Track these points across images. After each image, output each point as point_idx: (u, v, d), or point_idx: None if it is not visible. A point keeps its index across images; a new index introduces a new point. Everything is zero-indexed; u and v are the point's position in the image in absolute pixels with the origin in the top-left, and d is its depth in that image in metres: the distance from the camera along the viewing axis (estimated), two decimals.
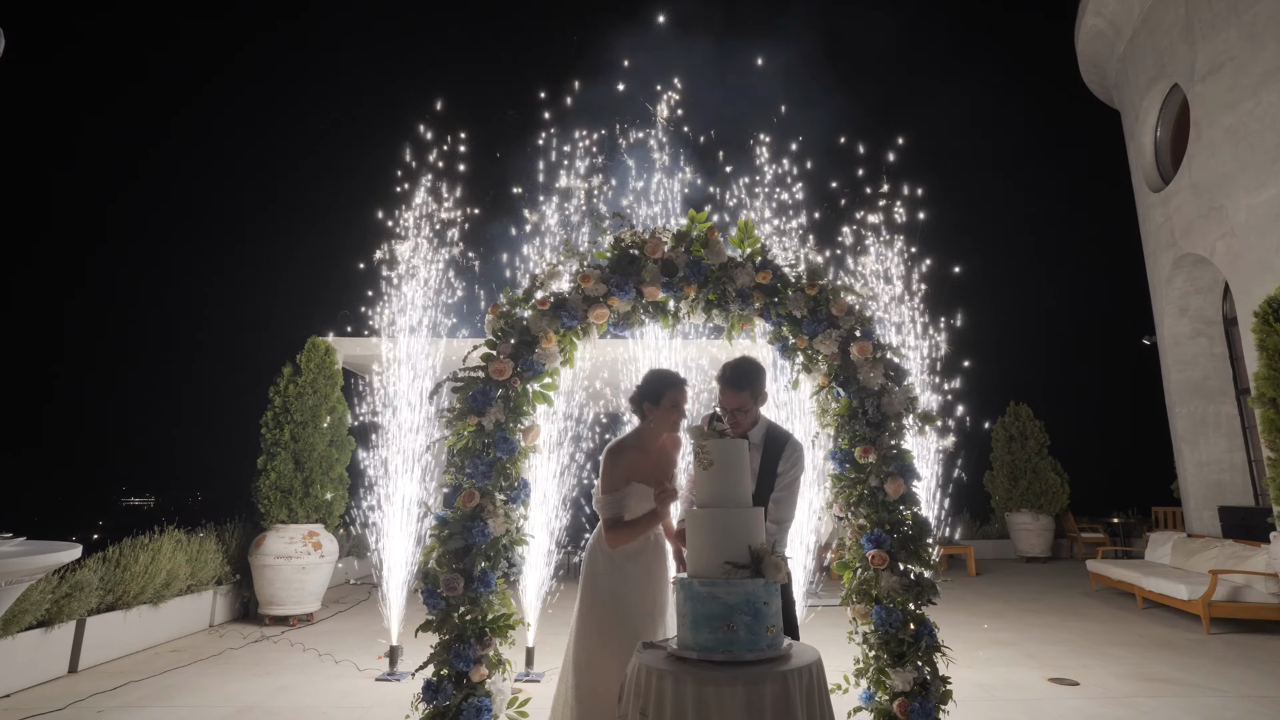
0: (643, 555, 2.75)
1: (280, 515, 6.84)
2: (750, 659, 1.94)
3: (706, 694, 1.84)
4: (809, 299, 3.39)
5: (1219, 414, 8.78)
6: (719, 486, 2.15)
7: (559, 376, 3.46)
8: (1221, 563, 6.53)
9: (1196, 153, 8.14)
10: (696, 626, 2.00)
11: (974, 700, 4.23)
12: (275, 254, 45.39)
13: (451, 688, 3.02)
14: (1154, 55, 9.01)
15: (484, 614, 3.11)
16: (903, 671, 3.03)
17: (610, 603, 2.65)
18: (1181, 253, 8.63)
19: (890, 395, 3.31)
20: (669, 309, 3.51)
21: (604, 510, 2.74)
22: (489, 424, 3.24)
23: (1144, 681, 4.62)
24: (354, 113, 54.54)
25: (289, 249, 39.29)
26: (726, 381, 2.94)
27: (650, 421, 2.93)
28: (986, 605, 7.53)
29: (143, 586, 5.55)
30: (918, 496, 3.29)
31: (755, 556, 2.03)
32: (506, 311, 3.39)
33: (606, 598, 2.65)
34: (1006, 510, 11.63)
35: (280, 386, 7.15)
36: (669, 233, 3.52)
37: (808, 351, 3.44)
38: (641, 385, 3.00)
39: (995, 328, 10.63)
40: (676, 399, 2.92)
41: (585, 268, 3.42)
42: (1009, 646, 5.65)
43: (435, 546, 3.16)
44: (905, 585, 3.11)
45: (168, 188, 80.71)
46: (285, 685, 4.69)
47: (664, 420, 2.91)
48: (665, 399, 2.91)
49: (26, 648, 4.56)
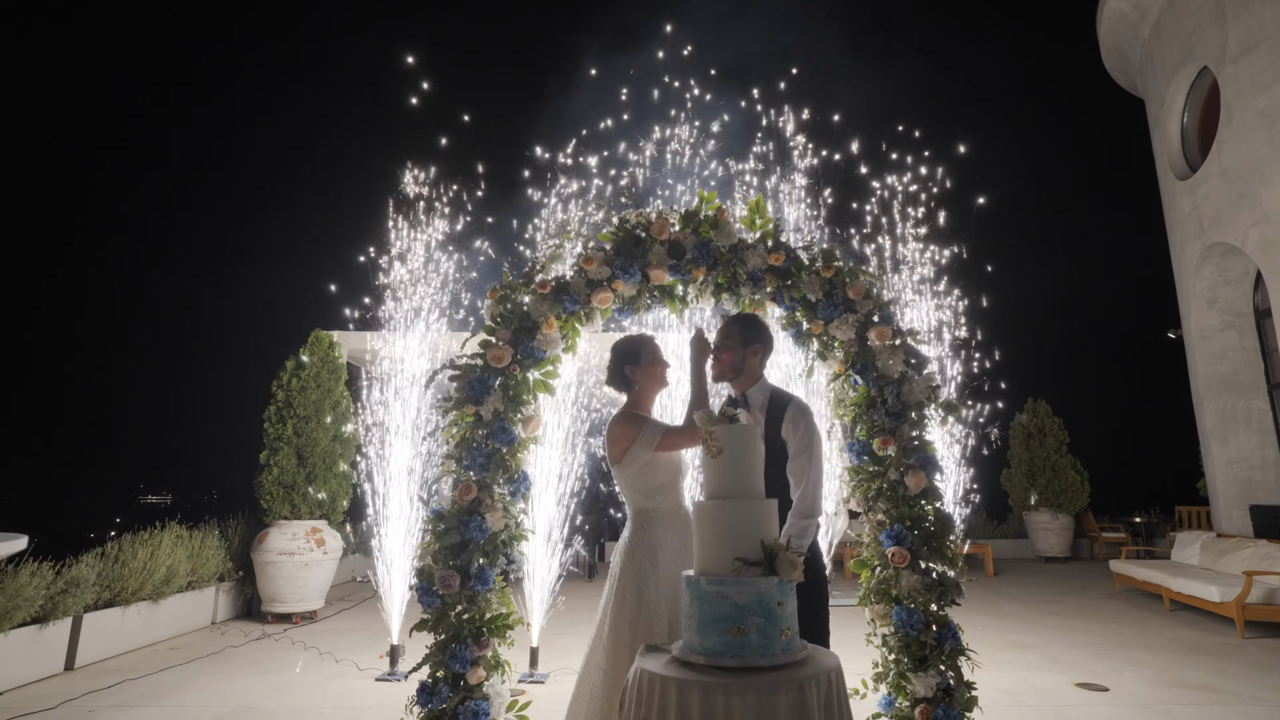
0: (688, 548, 2.53)
1: (283, 511, 6.74)
2: (763, 665, 1.76)
3: (714, 704, 1.67)
4: (824, 281, 3.21)
5: (1250, 409, 8.47)
6: (729, 476, 1.97)
7: (560, 364, 3.30)
8: (1256, 563, 6.26)
9: (1227, 137, 7.84)
10: (704, 629, 1.83)
11: (999, 706, 4.03)
12: (281, 245, 45.35)
13: (447, 690, 2.87)
14: (1181, 38, 8.71)
15: (481, 613, 2.95)
16: (925, 676, 2.84)
17: (664, 606, 2.43)
18: (1210, 242, 8.33)
19: (911, 383, 3.12)
20: (676, 293, 3.34)
21: (651, 439, 2.51)
22: (487, 413, 3.08)
23: (1177, 688, 4.39)
24: (358, 95, 54.41)
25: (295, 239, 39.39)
26: (724, 317, 2.88)
27: (637, 385, 2.78)
28: (1006, 606, 7.30)
29: (141, 583, 5.45)
30: (940, 491, 3.10)
31: (769, 552, 1.85)
32: (505, 296, 3.24)
33: (657, 602, 2.43)
34: (1025, 509, 11.35)
35: (283, 380, 7.05)
36: (676, 213, 3.35)
37: (823, 338, 3.25)
38: (615, 355, 2.85)
39: (1012, 323, 10.34)
40: (654, 351, 2.82)
41: (588, 250, 3.26)
42: (1031, 649, 5.42)
43: (431, 542, 3.01)
44: (927, 585, 2.92)
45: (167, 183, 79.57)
46: (283, 684, 4.57)
47: (650, 376, 2.78)
48: (644, 354, 2.79)
49: (20, 644, 4.46)
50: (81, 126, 61.15)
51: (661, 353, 2.86)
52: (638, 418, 2.65)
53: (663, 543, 2.52)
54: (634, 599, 2.45)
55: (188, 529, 6.36)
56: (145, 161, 61.36)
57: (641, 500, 2.59)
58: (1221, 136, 7.97)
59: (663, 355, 2.86)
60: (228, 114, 59.90)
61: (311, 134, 52.76)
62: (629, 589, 2.47)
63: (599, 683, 2.46)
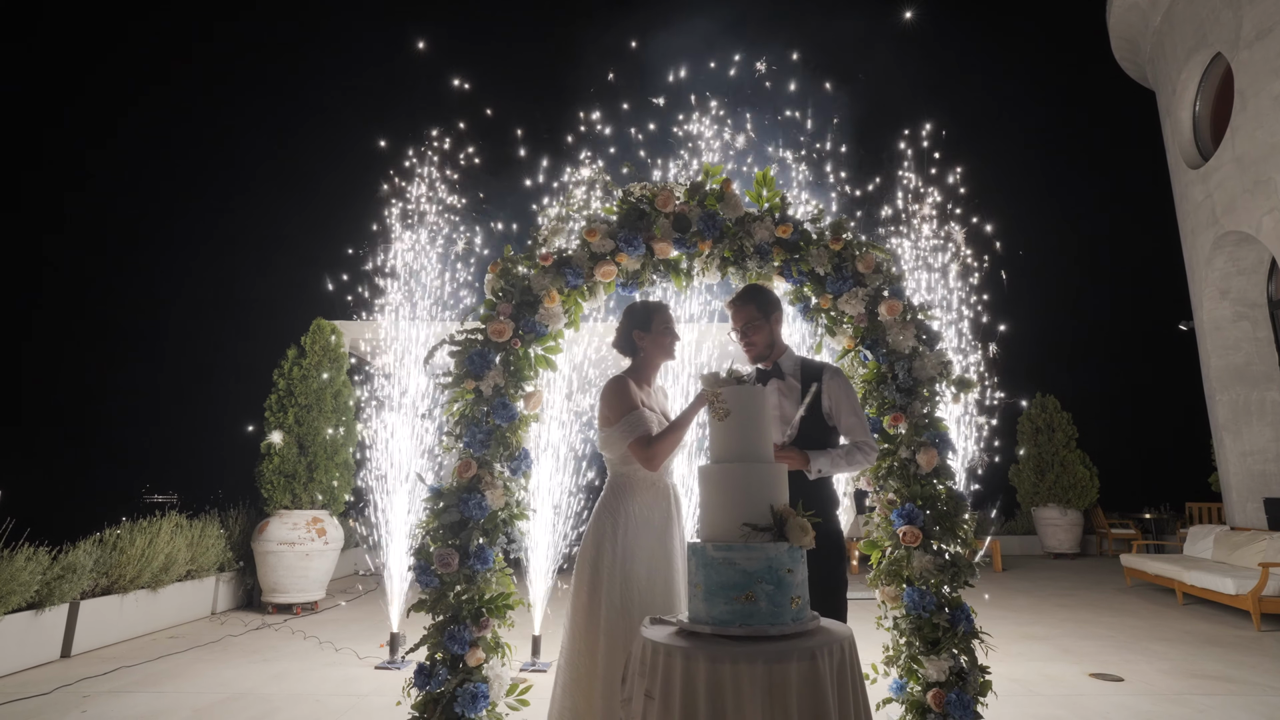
0: (658, 519, 2.47)
1: (284, 500, 6.67)
2: (773, 633, 1.67)
3: (721, 672, 1.58)
4: (833, 254, 3.12)
5: (1264, 401, 8.33)
6: (737, 439, 1.89)
7: (563, 339, 3.22)
8: (1271, 556, 6.14)
9: (1241, 124, 7.71)
10: (710, 597, 1.75)
11: (1013, 695, 3.93)
12: (282, 232, 44.92)
13: (446, 672, 2.79)
14: (1193, 24, 8.57)
15: (481, 593, 2.88)
16: (937, 660, 2.75)
17: (616, 576, 2.36)
18: (1223, 231, 8.19)
19: (922, 359, 3.03)
20: (681, 267, 3.25)
21: (626, 434, 2.40)
22: (487, 389, 3.00)
23: (1194, 679, 4.29)
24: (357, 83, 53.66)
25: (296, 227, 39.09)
26: (731, 302, 2.77)
27: (643, 352, 2.69)
28: (1016, 599, 7.18)
29: (140, 570, 5.39)
30: (953, 469, 3.01)
31: (778, 518, 1.77)
32: (507, 269, 3.16)
33: (612, 570, 2.36)
34: (1033, 505, 11.21)
35: (284, 369, 6.98)
36: (682, 185, 3.26)
37: (831, 313, 3.17)
38: (626, 318, 2.75)
39: (1021, 316, 10.21)
40: (667, 320, 2.71)
41: (592, 222, 3.17)
42: (1043, 641, 5.32)
43: (430, 520, 2.93)
44: (939, 566, 2.83)
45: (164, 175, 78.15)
46: (281, 672, 4.50)
47: (658, 345, 2.68)
48: (655, 321, 2.69)
49: (15, 630, 4.40)
50: (80, 119, 60.02)
51: (674, 324, 2.75)
52: (627, 399, 2.50)
53: (630, 512, 2.43)
54: (591, 564, 2.41)
55: (187, 518, 6.29)
56: (142, 154, 60.37)
57: (618, 464, 2.52)
58: (1235, 123, 7.84)
59: (674, 327, 2.75)
60: (226, 102, 58.87)
61: (309, 122, 52.06)
62: (588, 554, 2.44)
63: (565, 645, 2.44)
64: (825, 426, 2.60)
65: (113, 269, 37.21)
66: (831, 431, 2.63)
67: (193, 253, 39.60)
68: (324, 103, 39.97)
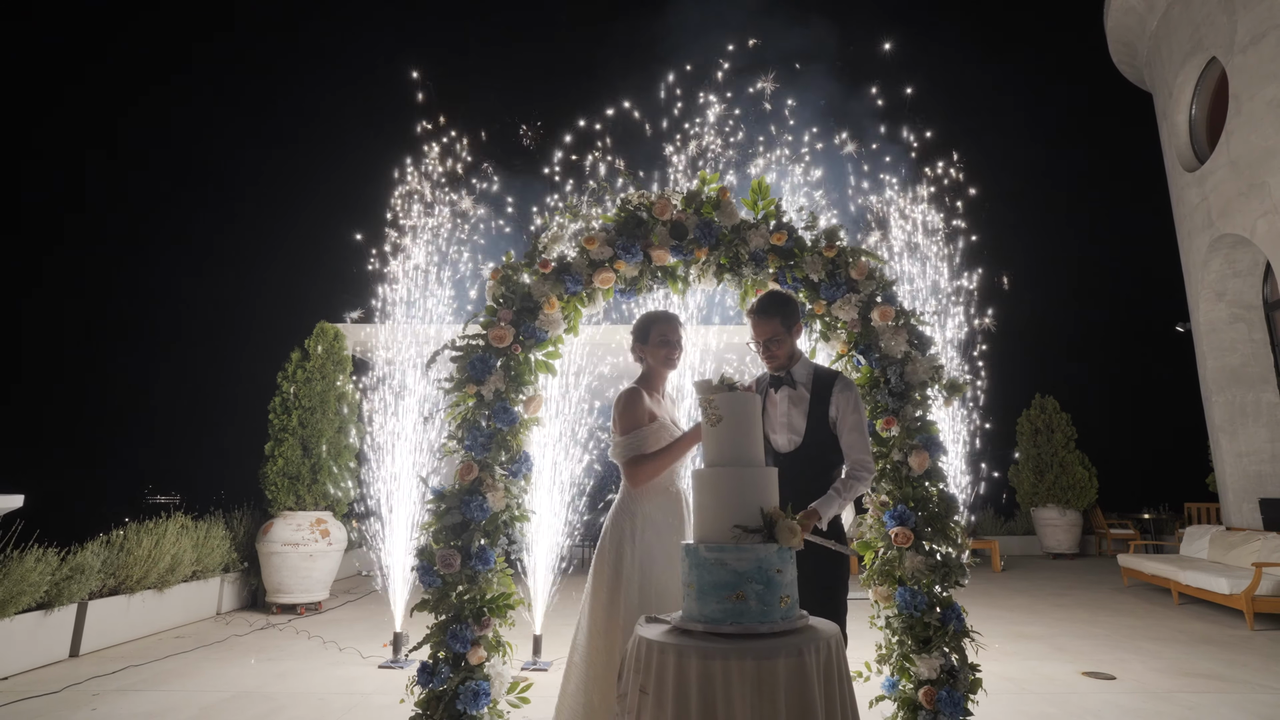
0: (672, 522, 2.53)
1: (288, 502, 6.75)
2: (762, 631, 1.74)
3: (712, 668, 1.65)
4: (827, 261, 3.19)
5: (1259, 402, 8.38)
6: (729, 444, 1.96)
7: (563, 345, 3.30)
8: (1265, 556, 6.19)
9: (1236, 128, 7.77)
10: (703, 596, 1.82)
11: (1004, 693, 3.99)
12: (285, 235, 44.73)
13: (448, 670, 2.86)
14: (1189, 28, 8.63)
15: (482, 593, 2.95)
16: (929, 658, 2.82)
17: (635, 576, 2.41)
18: (1219, 234, 8.25)
19: (914, 363, 3.10)
20: (678, 274, 3.32)
21: (625, 451, 2.52)
22: (488, 393, 3.08)
23: (1186, 677, 4.35)
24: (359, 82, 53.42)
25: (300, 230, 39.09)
26: (754, 312, 2.69)
27: (645, 363, 2.77)
28: (1012, 599, 7.24)
29: (146, 571, 5.47)
30: (944, 471, 3.08)
31: (768, 520, 1.83)
32: (507, 276, 3.23)
33: (631, 570, 2.42)
34: (1032, 505, 11.26)
35: (289, 372, 7.06)
36: (679, 193, 3.33)
37: (825, 318, 3.24)
38: (633, 329, 2.82)
39: (1019, 318, 10.27)
40: (664, 332, 2.74)
41: (590, 229, 3.24)
42: (1038, 640, 5.38)
43: (432, 521, 3.01)
44: (931, 566, 2.90)
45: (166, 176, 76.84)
46: (285, 671, 4.57)
47: (655, 357, 2.73)
48: (652, 334, 2.74)
49: (25, 630, 4.48)
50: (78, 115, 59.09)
51: (674, 335, 2.75)
52: (634, 413, 2.57)
53: (647, 514, 2.51)
54: (612, 565, 2.47)
55: (193, 519, 6.37)
56: (143, 154, 59.68)
57: (630, 455, 2.59)
58: (1230, 127, 7.90)
59: (674, 338, 2.75)
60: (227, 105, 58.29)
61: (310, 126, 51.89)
62: (607, 554, 2.50)
63: (581, 642, 2.50)
64: (832, 435, 2.58)
65: (119, 271, 37.29)
66: (837, 440, 2.61)
67: (198, 256, 39.65)
68: (322, 105, 40.02)
